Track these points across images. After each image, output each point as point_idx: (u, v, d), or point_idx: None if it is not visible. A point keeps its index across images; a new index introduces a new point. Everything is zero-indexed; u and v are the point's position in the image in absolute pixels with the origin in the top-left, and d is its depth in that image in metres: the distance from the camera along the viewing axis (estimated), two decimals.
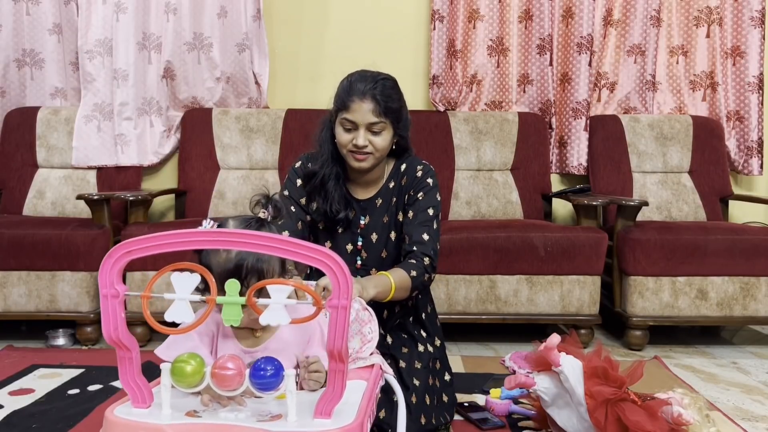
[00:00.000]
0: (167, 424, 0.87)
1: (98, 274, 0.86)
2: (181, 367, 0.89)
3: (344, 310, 0.83)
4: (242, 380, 0.89)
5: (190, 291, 0.87)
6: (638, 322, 2.55)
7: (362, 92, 1.57)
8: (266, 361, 0.90)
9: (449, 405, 1.71)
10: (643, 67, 3.18)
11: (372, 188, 1.71)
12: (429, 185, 1.68)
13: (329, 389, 0.88)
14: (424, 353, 1.67)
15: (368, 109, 1.56)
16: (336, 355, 0.86)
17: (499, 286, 2.52)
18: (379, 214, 1.69)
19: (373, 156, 1.61)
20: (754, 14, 3.10)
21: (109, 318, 0.87)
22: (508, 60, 3.21)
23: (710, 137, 3.14)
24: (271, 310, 0.86)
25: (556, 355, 1.56)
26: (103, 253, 2.49)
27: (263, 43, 3.12)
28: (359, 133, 1.57)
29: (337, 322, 0.84)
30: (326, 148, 1.68)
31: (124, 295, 0.88)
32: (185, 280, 0.88)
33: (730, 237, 2.54)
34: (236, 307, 0.87)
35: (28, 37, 3.12)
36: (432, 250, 1.61)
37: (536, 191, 3.08)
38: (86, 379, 2.09)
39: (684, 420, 1.48)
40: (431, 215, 1.65)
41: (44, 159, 3.06)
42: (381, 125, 1.58)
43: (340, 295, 0.83)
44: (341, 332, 0.84)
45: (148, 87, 3.09)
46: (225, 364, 0.89)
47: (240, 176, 3.07)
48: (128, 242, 0.85)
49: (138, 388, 0.91)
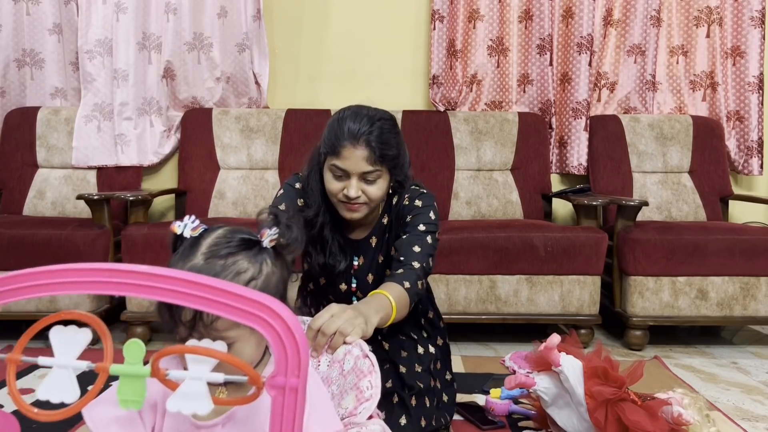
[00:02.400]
0: None
1: None
2: None
3: (293, 392, 0.53)
4: None
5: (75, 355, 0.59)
6: (638, 322, 2.55)
7: (355, 137, 1.38)
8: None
9: (449, 405, 1.70)
10: (643, 67, 3.18)
11: (366, 227, 1.58)
12: (417, 207, 1.52)
13: None
14: (424, 355, 1.65)
15: (361, 157, 1.38)
16: None
17: (499, 286, 2.52)
18: (373, 255, 1.58)
19: (368, 206, 1.45)
20: (754, 14, 3.11)
21: None
22: (508, 60, 3.21)
23: (710, 137, 3.14)
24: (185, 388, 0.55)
25: (556, 355, 1.56)
26: (103, 253, 2.51)
27: (263, 43, 3.12)
28: (351, 182, 1.40)
29: (284, 411, 0.54)
30: (316, 195, 1.50)
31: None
32: (70, 338, 0.59)
33: (730, 237, 2.54)
34: (138, 381, 0.57)
35: (28, 37, 3.12)
36: (423, 261, 1.44)
37: (536, 191, 3.08)
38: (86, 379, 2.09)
39: (684, 420, 1.48)
40: (422, 230, 1.48)
41: (44, 159, 3.06)
42: (376, 174, 1.41)
43: (288, 370, 0.53)
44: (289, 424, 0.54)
45: (148, 87, 3.09)
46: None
47: (240, 176, 3.07)
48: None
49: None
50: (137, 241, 2.44)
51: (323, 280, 1.62)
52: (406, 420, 1.52)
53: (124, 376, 0.58)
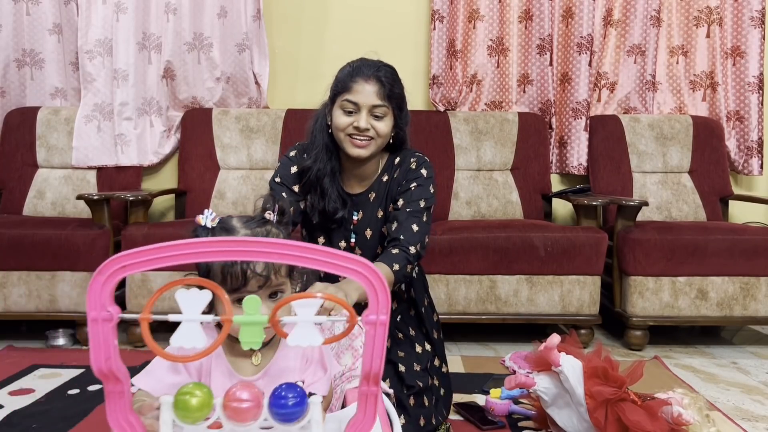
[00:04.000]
0: None
1: (87, 295, 0.69)
2: (185, 400, 0.76)
3: (383, 326, 0.71)
4: (260, 412, 0.77)
5: (199, 311, 0.71)
6: (638, 322, 2.55)
7: (368, 74, 1.52)
8: (288, 388, 0.78)
9: (446, 399, 1.70)
10: (643, 67, 3.18)
11: (365, 182, 1.64)
12: (423, 176, 1.59)
13: (359, 415, 0.77)
14: (422, 354, 1.65)
15: (372, 91, 1.51)
16: (371, 377, 0.74)
17: (499, 286, 2.52)
18: (372, 209, 1.62)
19: (374, 142, 1.53)
20: (754, 14, 3.11)
21: (99, 346, 0.69)
22: (508, 60, 3.21)
23: (710, 137, 3.14)
24: (299, 329, 0.72)
25: (556, 355, 1.56)
26: (103, 252, 2.51)
27: (263, 43, 3.12)
28: (361, 115, 1.51)
29: (375, 340, 0.72)
30: (320, 139, 1.60)
31: (119, 317, 0.71)
32: (193, 297, 0.71)
33: (730, 237, 2.54)
34: (257, 328, 0.71)
35: (28, 37, 3.11)
36: (419, 243, 1.52)
37: (536, 191, 3.08)
38: (86, 379, 2.09)
39: (684, 420, 1.48)
40: (422, 207, 1.56)
41: (44, 159, 3.06)
42: (384, 109, 1.52)
43: (378, 309, 0.71)
44: (379, 351, 0.72)
45: (148, 87, 3.09)
46: (239, 394, 0.76)
47: (240, 176, 3.07)
48: (123, 255, 0.69)
49: (131, 427, 0.74)
50: (137, 241, 2.43)
51: (322, 240, 1.63)
52: (405, 420, 1.53)
53: (244, 324, 0.71)
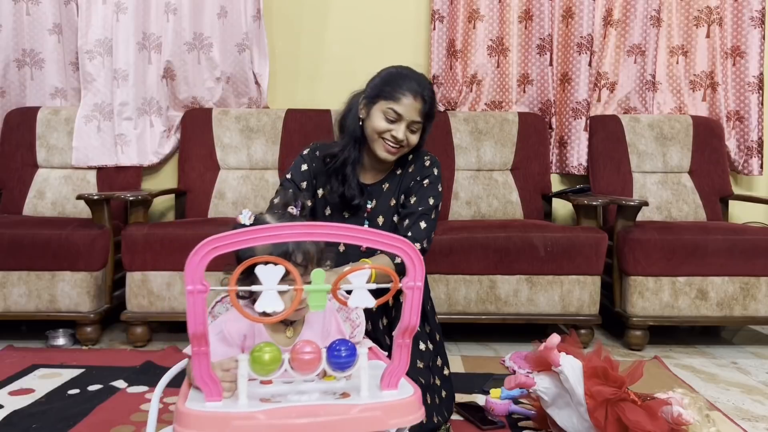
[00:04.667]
0: (260, 410, 0.89)
1: (184, 272, 0.85)
2: (260, 356, 0.92)
3: (418, 290, 0.94)
4: (320, 362, 0.94)
5: (276, 281, 0.88)
6: (638, 322, 2.55)
7: (415, 91, 1.62)
8: (340, 343, 0.96)
9: (448, 401, 1.70)
10: (643, 67, 3.18)
11: (379, 174, 1.75)
12: (434, 174, 1.72)
13: (395, 362, 0.96)
14: (425, 352, 1.66)
15: (416, 109, 1.62)
16: (408, 331, 0.95)
17: (499, 286, 2.52)
18: (385, 198, 1.72)
19: (403, 150, 1.67)
20: (754, 14, 3.11)
21: (196, 313, 0.86)
22: (508, 60, 3.21)
23: (710, 137, 3.14)
24: (356, 294, 0.93)
25: (556, 355, 1.56)
26: (103, 253, 2.51)
27: (263, 43, 3.12)
28: (401, 127, 1.62)
29: (412, 301, 0.94)
30: (351, 130, 1.70)
31: (209, 290, 0.87)
32: (270, 271, 0.88)
33: (730, 237, 2.54)
34: (322, 294, 0.91)
35: (28, 37, 3.12)
36: (426, 239, 1.65)
37: (536, 191, 3.08)
38: (86, 379, 2.09)
39: (684, 420, 1.48)
40: (431, 205, 1.68)
41: (44, 159, 3.06)
42: (419, 125, 1.65)
43: (415, 277, 0.94)
44: (416, 310, 0.94)
45: (148, 87, 3.10)
46: (303, 349, 0.94)
47: (240, 176, 3.07)
48: (214, 239, 0.85)
49: (213, 382, 0.91)
50: (137, 241, 2.44)
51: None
52: None
53: (312, 291, 0.91)
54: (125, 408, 1.85)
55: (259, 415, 0.88)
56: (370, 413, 0.91)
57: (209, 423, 0.88)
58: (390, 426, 0.92)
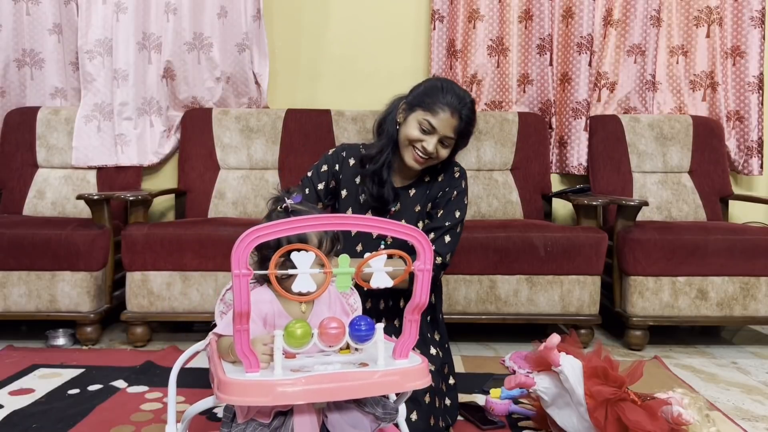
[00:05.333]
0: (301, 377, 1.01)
1: (231, 257, 0.97)
2: (293, 330, 1.03)
3: (428, 272, 1.07)
4: (344, 336, 1.06)
5: (309, 265, 1.01)
6: (638, 322, 2.55)
7: (454, 107, 1.61)
8: (359, 319, 1.09)
9: (452, 408, 1.72)
10: (643, 67, 3.18)
11: (407, 179, 1.75)
12: (462, 187, 1.73)
13: (405, 336, 1.10)
14: (435, 357, 1.67)
15: (451, 125, 1.62)
16: (417, 308, 1.08)
17: (499, 286, 2.52)
18: (411, 203, 1.73)
19: (430, 161, 1.67)
20: (754, 14, 3.11)
21: (241, 294, 0.98)
22: (508, 60, 3.21)
23: (710, 137, 3.14)
24: (376, 275, 1.06)
25: (556, 355, 1.56)
26: (103, 253, 2.51)
27: (263, 43, 3.12)
28: (433, 139, 1.62)
29: (422, 282, 1.06)
30: (389, 133, 1.71)
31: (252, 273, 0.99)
32: (303, 257, 1.01)
33: (730, 237, 2.54)
34: (347, 277, 1.04)
35: (28, 37, 3.12)
36: (448, 253, 1.67)
37: (536, 191, 3.08)
38: (86, 379, 2.09)
39: (684, 420, 1.48)
40: (458, 218, 1.70)
41: (44, 159, 3.06)
42: (451, 141, 1.65)
43: (425, 261, 1.06)
44: (425, 290, 1.07)
45: (148, 87, 3.10)
46: (330, 324, 1.06)
47: (240, 176, 3.07)
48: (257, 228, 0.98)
49: (252, 355, 1.02)
50: (137, 241, 2.44)
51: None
52: (417, 416, 1.55)
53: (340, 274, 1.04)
54: (125, 408, 1.85)
55: (299, 381, 0.99)
56: (391, 377, 1.05)
57: (255, 390, 1.00)
58: (406, 388, 1.07)
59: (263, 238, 0.98)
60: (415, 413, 1.54)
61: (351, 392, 1.04)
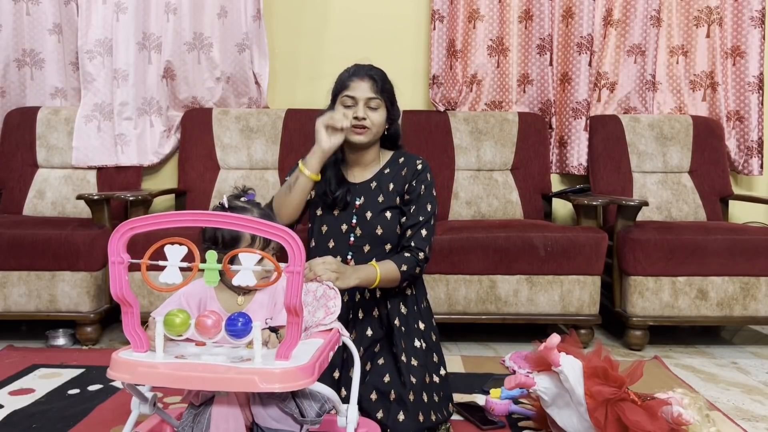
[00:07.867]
0: (161, 362, 1.08)
1: (108, 246, 1.06)
2: (171, 318, 1.09)
3: (298, 275, 1.04)
4: (219, 329, 1.09)
5: (179, 259, 1.07)
6: (638, 322, 2.55)
7: (361, 74, 1.76)
8: (238, 315, 1.10)
9: (445, 400, 1.71)
10: (643, 67, 3.18)
11: (367, 173, 1.82)
12: (428, 180, 1.78)
13: (288, 338, 1.09)
14: (420, 349, 1.68)
15: (366, 87, 1.73)
16: (293, 310, 1.07)
17: (499, 286, 2.52)
18: (374, 195, 1.78)
19: (370, 131, 1.74)
20: (754, 14, 3.11)
21: (116, 280, 1.06)
22: (508, 60, 3.21)
23: (710, 137, 3.14)
24: (241, 273, 1.07)
25: (556, 355, 1.56)
26: (103, 253, 2.51)
27: (263, 43, 3.12)
28: (359, 107, 1.72)
29: (292, 284, 1.04)
30: None
31: (128, 262, 1.08)
32: (176, 250, 1.07)
33: (730, 237, 2.54)
34: (215, 272, 1.08)
35: (28, 37, 3.12)
36: (427, 246, 1.73)
37: (536, 191, 3.08)
38: (86, 379, 2.09)
39: (684, 420, 1.48)
40: (430, 211, 1.75)
41: (44, 159, 3.06)
42: (377, 101, 1.73)
43: (295, 263, 1.04)
44: (296, 292, 1.05)
45: (148, 87, 3.10)
46: (207, 316, 1.10)
47: (240, 176, 3.07)
48: (132, 220, 1.06)
49: (138, 336, 1.11)
50: (138, 241, 2.42)
51: (325, 228, 1.78)
52: (404, 416, 1.55)
53: (207, 269, 1.08)
54: (125, 408, 1.84)
55: (160, 366, 1.07)
56: (245, 376, 1.05)
57: (122, 367, 1.08)
58: (262, 388, 1.04)
59: (137, 230, 1.07)
60: (401, 414, 1.55)
61: (201, 384, 1.07)
